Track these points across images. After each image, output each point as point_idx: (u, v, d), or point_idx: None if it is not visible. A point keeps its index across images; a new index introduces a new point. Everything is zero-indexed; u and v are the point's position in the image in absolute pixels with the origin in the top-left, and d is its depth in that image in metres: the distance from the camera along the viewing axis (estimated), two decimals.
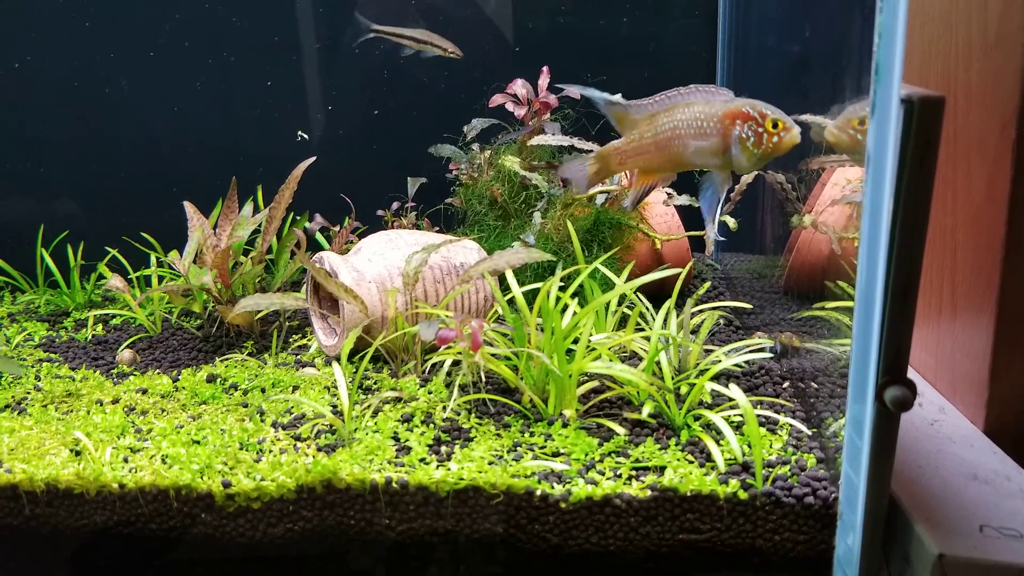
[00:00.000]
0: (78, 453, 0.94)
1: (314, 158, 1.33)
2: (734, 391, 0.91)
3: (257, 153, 1.66)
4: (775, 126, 0.96)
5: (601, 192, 1.32)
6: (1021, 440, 1.09)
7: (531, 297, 1.13)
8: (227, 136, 1.66)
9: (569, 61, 1.60)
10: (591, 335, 1.04)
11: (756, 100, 0.99)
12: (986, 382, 1.08)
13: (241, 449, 0.94)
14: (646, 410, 0.96)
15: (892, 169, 0.75)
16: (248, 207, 1.39)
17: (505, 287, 1.16)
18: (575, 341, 1.03)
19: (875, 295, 0.79)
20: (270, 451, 0.94)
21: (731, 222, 1.29)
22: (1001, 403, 1.09)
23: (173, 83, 1.62)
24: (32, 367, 1.23)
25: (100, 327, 1.42)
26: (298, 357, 1.24)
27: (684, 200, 1.34)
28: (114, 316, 1.46)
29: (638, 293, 1.19)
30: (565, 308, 1.10)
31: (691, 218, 1.41)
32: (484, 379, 1.08)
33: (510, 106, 1.39)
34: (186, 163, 1.67)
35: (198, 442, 0.96)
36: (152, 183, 1.67)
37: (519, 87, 1.38)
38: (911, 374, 1.26)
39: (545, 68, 1.40)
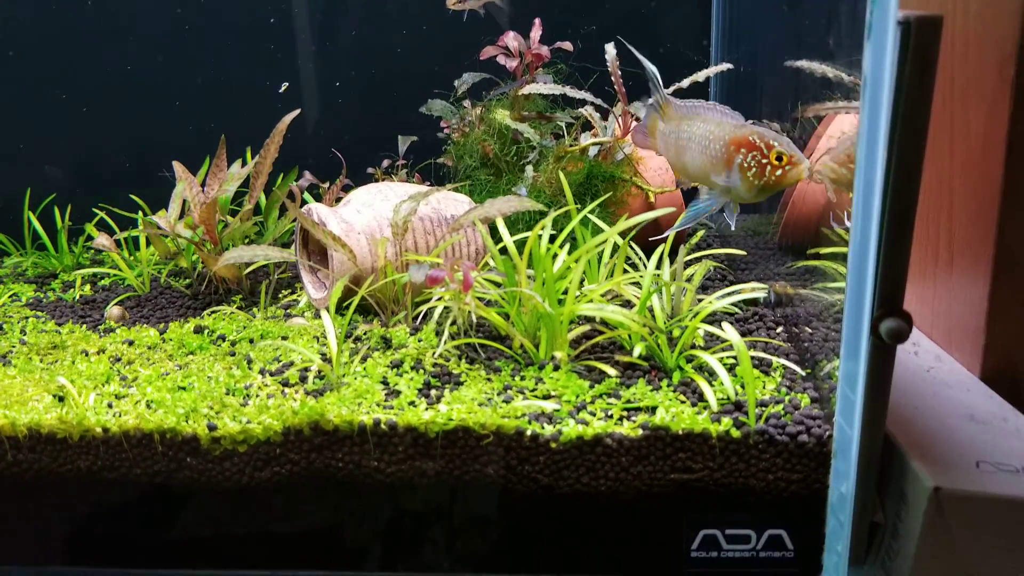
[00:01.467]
0: (62, 399, 0.93)
1: (298, 111, 1.31)
2: (728, 330, 0.90)
3: (246, 116, 1.64)
4: (779, 159, 0.92)
5: (594, 144, 1.30)
6: (1017, 385, 1.08)
7: (523, 251, 1.11)
8: (216, 98, 1.64)
9: (563, 14, 1.58)
10: (583, 283, 1.03)
11: (767, 130, 0.96)
12: (983, 329, 1.07)
13: (228, 394, 0.93)
14: (637, 350, 0.95)
15: (889, 93, 0.74)
16: (236, 165, 1.37)
17: (497, 240, 1.15)
18: (565, 292, 1.02)
19: (871, 225, 0.78)
20: (257, 396, 0.93)
21: None
22: (998, 349, 1.07)
23: (160, 45, 1.60)
24: (17, 323, 1.21)
25: (88, 287, 1.40)
26: (287, 311, 1.23)
27: None
28: (102, 277, 1.44)
29: (632, 244, 1.17)
30: (555, 257, 1.08)
31: None
32: (475, 327, 1.07)
33: (502, 59, 1.36)
34: (175, 126, 1.64)
35: (184, 388, 0.95)
36: (140, 147, 1.65)
37: (511, 39, 1.36)
38: None
39: (537, 20, 1.37)
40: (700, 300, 1.12)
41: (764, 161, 0.92)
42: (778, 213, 1.30)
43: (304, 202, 1.52)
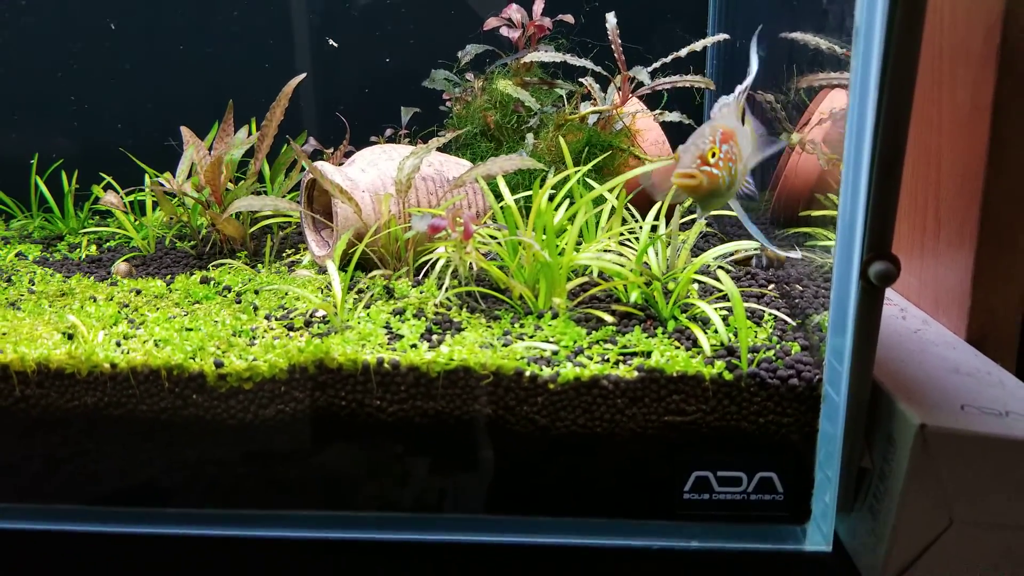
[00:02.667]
0: (71, 337, 0.95)
1: (304, 75, 1.33)
2: (723, 277, 0.92)
3: (252, 86, 1.66)
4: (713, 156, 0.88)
5: (593, 112, 1.33)
6: (1002, 347, 1.11)
7: (524, 212, 1.14)
8: (223, 67, 1.66)
9: None
10: (580, 244, 1.05)
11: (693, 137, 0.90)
12: (968, 292, 1.10)
13: (234, 335, 0.95)
14: (633, 296, 0.98)
15: (880, 42, 0.77)
16: (243, 131, 1.39)
17: (499, 201, 1.17)
18: (561, 253, 1.04)
19: (861, 173, 0.81)
20: (263, 337, 0.95)
21: None
22: (983, 311, 1.10)
23: (169, 12, 1.62)
24: (26, 275, 1.23)
25: (94, 248, 1.42)
26: (291, 267, 1.25)
27: (675, 117, 1.36)
28: (108, 239, 1.46)
29: (628, 206, 1.20)
30: (556, 210, 1.11)
31: (681, 137, 1.43)
32: (475, 279, 1.09)
33: (505, 31, 1.39)
34: (182, 94, 1.66)
35: (191, 329, 0.97)
36: (147, 116, 1.67)
37: (514, 11, 1.39)
38: (895, 296, 1.28)
39: None
40: (693, 260, 1.15)
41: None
42: (770, 189, 1.33)
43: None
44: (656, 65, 1.30)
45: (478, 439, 0.91)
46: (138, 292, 1.13)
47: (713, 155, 0.87)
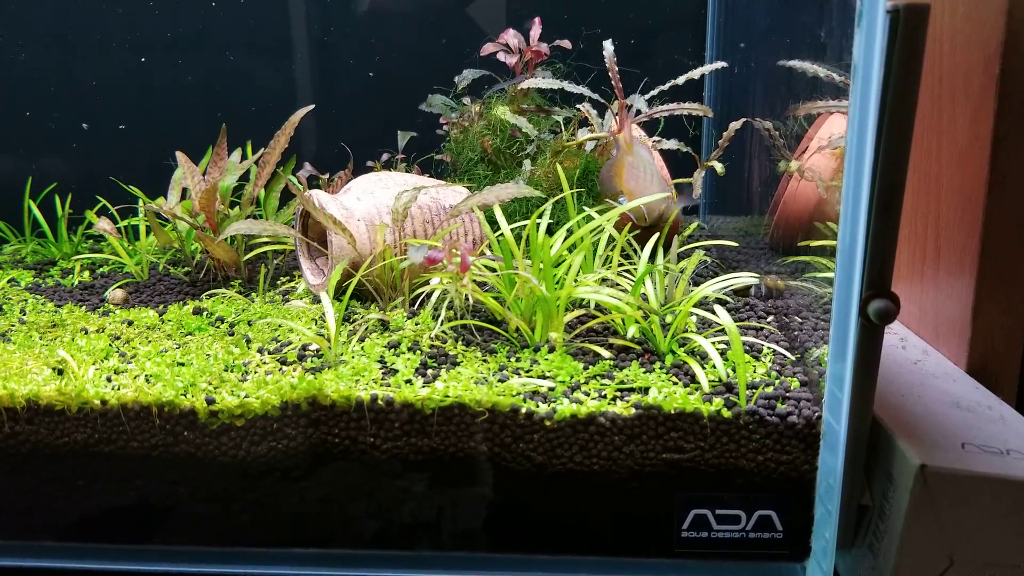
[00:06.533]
0: (60, 372, 0.94)
1: (312, 106, 1.33)
2: (720, 313, 0.91)
3: (248, 111, 1.66)
4: None
5: (591, 140, 1.32)
6: (1001, 377, 1.10)
7: (520, 240, 1.13)
8: (219, 91, 1.66)
9: (562, 12, 1.61)
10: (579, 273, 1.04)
11: None
12: (968, 322, 1.09)
13: (226, 371, 0.94)
14: (631, 331, 0.97)
15: (878, 79, 0.76)
16: (236, 155, 1.39)
17: (495, 231, 1.17)
18: (558, 282, 1.03)
19: (860, 209, 0.80)
20: (255, 372, 0.94)
21: (719, 167, 1.29)
22: (983, 341, 1.10)
23: (165, 37, 1.62)
24: (17, 304, 1.22)
25: (87, 274, 1.41)
26: (285, 296, 1.24)
27: (673, 144, 1.35)
28: (101, 265, 1.45)
29: (629, 239, 1.19)
30: (552, 244, 1.10)
31: (683, 165, 1.42)
32: (471, 313, 1.08)
33: (502, 56, 1.39)
34: (177, 119, 1.66)
35: (183, 364, 0.95)
36: (142, 140, 1.66)
37: (511, 37, 1.39)
38: (895, 324, 1.27)
39: (537, 19, 1.40)
40: (692, 291, 1.14)
41: None
42: (768, 214, 1.33)
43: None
44: (654, 92, 1.30)
45: (473, 476, 0.90)
46: (130, 323, 1.12)
47: None
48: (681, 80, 1.28)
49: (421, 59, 1.65)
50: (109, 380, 0.92)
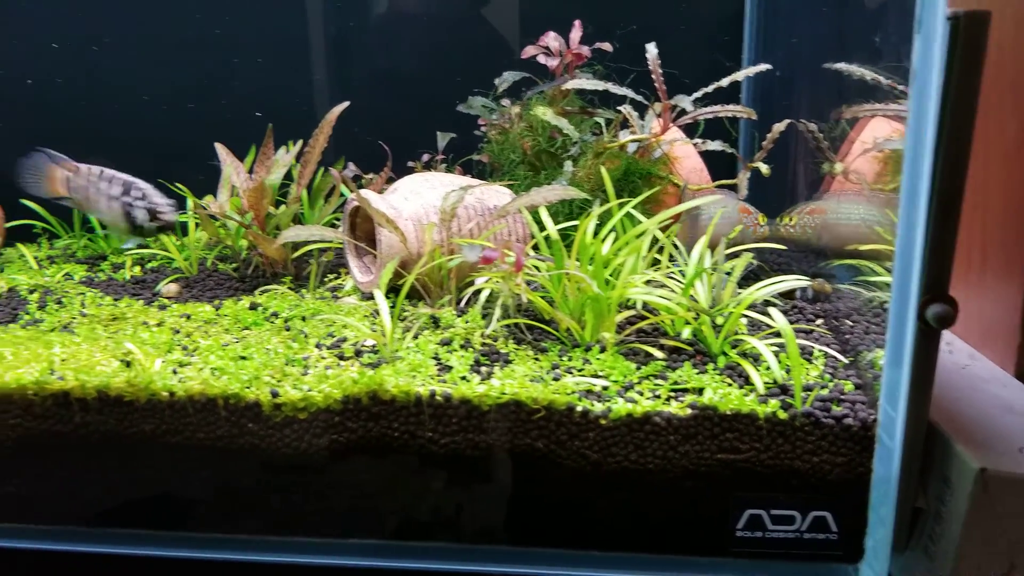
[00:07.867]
0: (128, 364, 0.96)
1: (347, 103, 1.35)
2: (775, 314, 0.92)
3: (289, 111, 1.69)
4: None
5: (633, 141, 1.34)
6: None
7: (565, 243, 1.14)
8: (259, 92, 1.69)
9: (602, 15, 1.62)
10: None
11: None
12: (1016, 327, 1.09)
13: (287, 365, 0.96)
14: (684, 332, 0.98)
15: (937, 86, 0.77)
16: (282, 151, 1.41)
17: (541, 230, 1.18)
18: (607, 282, 1.04)
19: (918, 214, 0.80)
20: (315, 367, 0.96)
21: (764, 168, 1.30)
22: None
23: (208, 34, 1.65)
24: (76, 297, 1.25)
25: (138, 269, 1.44)
26: (334, 293, 1.26)
27: (717, 146, 1.36)
28: (149, 259, 1.49)
29: (674, 241, 1.21)
30: (603, 242, 1.11)
31: (721, 167, 1.43)
32: (521, 312, 1.10)
33: (542, 58, 1.40)
34: (222, 116, 1.69)
35: (245, 358, 0.98)
36: (187, 137, 1.70)
37: (551, 39, 1.40)
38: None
39: (577, 22, 1.41)
40: (739, 294, 1.15)
41: None
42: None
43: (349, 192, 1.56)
44: (697, 94, 1.31)
45: (528, 473, 0.91)
46: (188, 317, 1.15)
47: None
48: (725, 82, 1.29)
49: (461, 60, 1.66)
50: (175, 372, 0.95)
